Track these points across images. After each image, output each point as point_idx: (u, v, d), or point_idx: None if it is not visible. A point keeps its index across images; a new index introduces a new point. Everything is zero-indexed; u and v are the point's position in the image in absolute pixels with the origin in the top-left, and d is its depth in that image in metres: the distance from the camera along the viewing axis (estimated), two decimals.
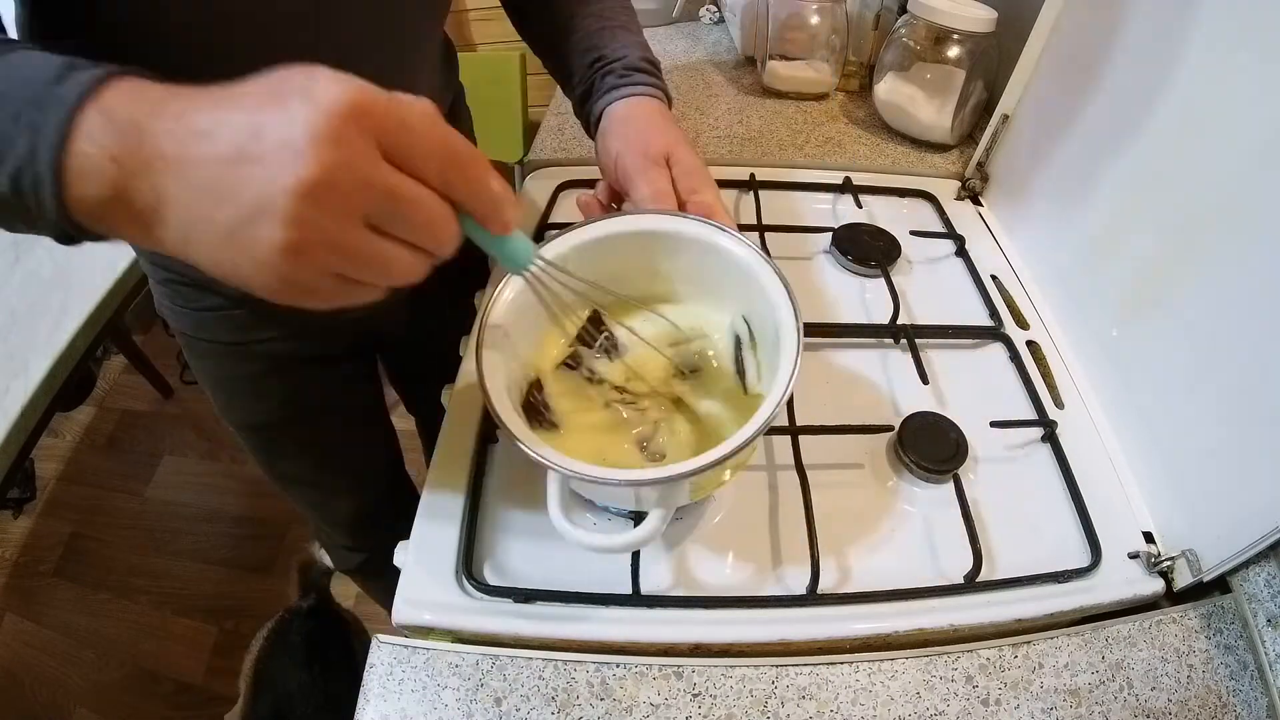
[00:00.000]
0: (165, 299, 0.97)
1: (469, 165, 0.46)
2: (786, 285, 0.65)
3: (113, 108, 0.42)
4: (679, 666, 0.67)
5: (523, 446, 0.57)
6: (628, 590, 0.70)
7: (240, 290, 0.43)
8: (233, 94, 0.42)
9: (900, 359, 0.90)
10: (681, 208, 0.73)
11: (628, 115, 0.81)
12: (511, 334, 0.66)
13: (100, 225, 0.44)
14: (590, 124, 0.87)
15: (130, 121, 0.41)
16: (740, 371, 0.72)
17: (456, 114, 1.11)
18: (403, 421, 1.44)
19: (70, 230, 0.44)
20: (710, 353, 0.74)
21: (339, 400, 1.17)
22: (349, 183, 0.40)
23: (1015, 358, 0.91)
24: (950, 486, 0.77)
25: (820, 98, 1.39)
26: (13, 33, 0.60)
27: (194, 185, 0.41)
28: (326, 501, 1.30)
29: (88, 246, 0.48)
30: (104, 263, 1.61)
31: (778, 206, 1.10)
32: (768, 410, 0.57)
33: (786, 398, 0.58)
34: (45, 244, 1.68)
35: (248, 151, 0.39)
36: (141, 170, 0.41)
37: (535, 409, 0.68)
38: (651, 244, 0.72)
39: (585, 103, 0.87)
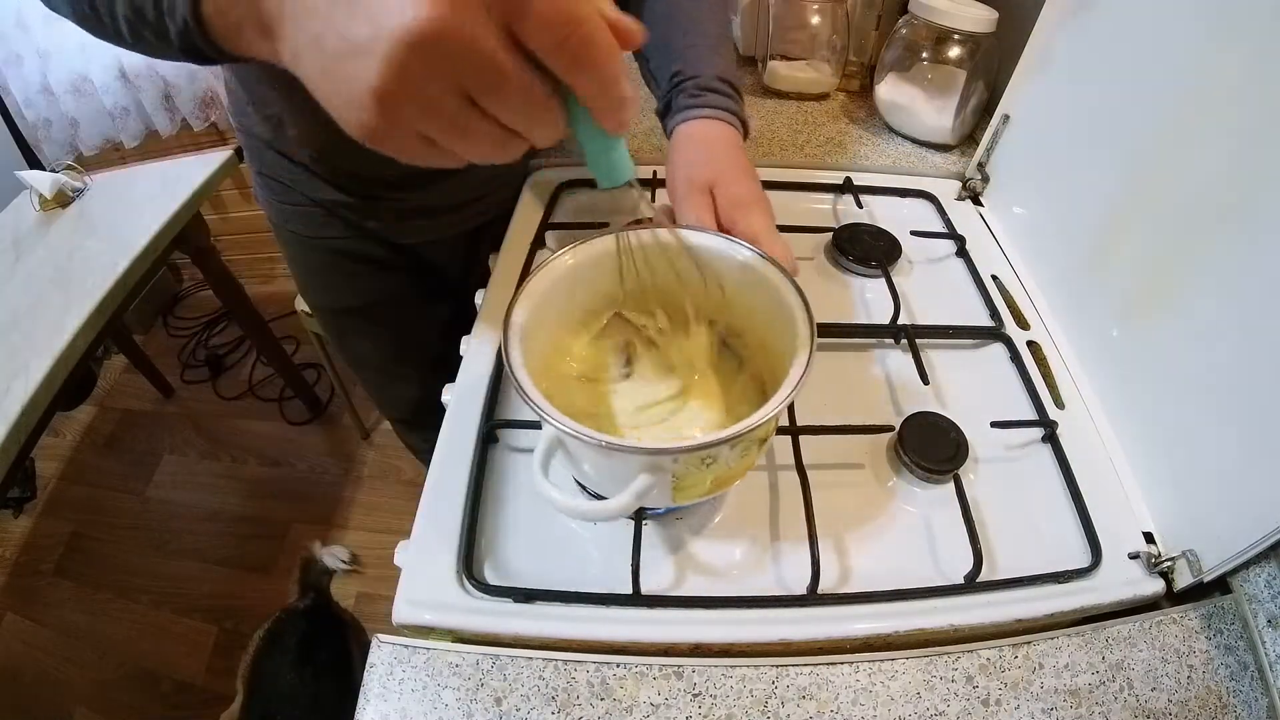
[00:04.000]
0: (260, 189, 1.12)
1: (599, 45, 0.42)
2: (800, 293, 0.64)
3: None
4: (679, 666, 0.66)
5: (525, 390, 0.58)
6: (628, 590, 0.70)
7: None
8: None
9: (901, 359, 0.90)
10: None
11: (689, 138, 0.82)
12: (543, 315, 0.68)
13: (224, 29, 0.46)
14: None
15: None
16: None
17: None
18: None
19: (195, 38, 0.46)
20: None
21: (403, 297, 1.25)
22: (454, 45, 0.38)
23: (1016, 358, 0.91)
24: (951, 486, 0.77)
25: (821, 98, 1.39)
26: None
27: (309, 3, 0.41)
28: (389, 385, 1.40)
29: (88, 247, 0.49)
30: (105, 263, 1.62)
31: (778, 206, 1.08)
32: (763, 414, 0.56)
33: (787, 403, 0.57)
34: (46, 244, 1.70)
35: None
36: None
37: None
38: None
39: (664, 118, 0.89)
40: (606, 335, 0.76)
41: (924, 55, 1.20)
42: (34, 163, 2.21)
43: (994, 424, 0.82)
